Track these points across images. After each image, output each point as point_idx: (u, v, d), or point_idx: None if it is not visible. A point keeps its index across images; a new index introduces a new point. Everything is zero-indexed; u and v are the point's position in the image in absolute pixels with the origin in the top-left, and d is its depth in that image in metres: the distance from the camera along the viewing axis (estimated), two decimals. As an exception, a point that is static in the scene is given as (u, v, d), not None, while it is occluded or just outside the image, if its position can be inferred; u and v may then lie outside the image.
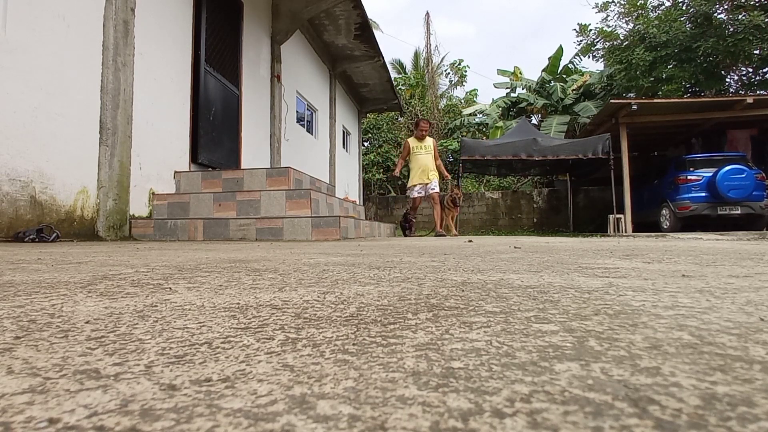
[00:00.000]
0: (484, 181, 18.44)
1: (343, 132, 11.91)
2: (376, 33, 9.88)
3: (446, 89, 21.76)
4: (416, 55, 21.90)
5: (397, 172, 7.61)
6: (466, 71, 21.97)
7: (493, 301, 0.61)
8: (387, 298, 0.65)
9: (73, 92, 3.46)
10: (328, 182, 8.12)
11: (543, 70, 17.62)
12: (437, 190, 7.09)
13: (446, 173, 7.48)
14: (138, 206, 4.13)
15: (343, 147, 11.94)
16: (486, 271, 1.02)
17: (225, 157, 5.64)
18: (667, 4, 14.19)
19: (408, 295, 0.68)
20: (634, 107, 8.42)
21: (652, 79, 13.25)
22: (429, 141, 7.35)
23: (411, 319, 0.50)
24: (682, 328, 0.44)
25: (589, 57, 16.35)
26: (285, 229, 3.93)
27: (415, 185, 7.21)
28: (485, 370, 0.32)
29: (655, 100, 9.27)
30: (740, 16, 12.22)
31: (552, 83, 16.62)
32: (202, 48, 5.13)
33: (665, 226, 8.76)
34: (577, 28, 15.97)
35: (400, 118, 19.16)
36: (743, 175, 7.86)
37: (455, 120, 18.67)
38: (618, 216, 9.06)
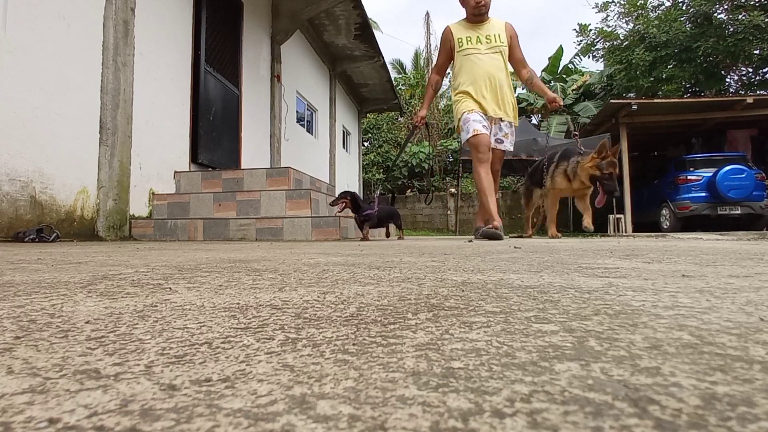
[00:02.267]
0: (484, 181, 18.42)
1: (343, 132, 11.92)
2: (376, 33, 9.89)
3: (446, 89, 21.76)
4: (416, 55, 21.90)
5: (419, 119, 4.04)
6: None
7: (493, 301, 0.61)
8: (387, 298, 0.65)
9: (73, 92, 3.46)
10: (328, 182, 8.13)
11: (543, 70, 17.64)
12: (508, 146, 3.90)
13: (551, 94, 3.87)
14: (138, 206, 4.13)
15: (343, 147, 11.94)
16: (486, 271, 1.02)
17: (225, 157, 5.64)
18: (667, 4, 14.20)
19: (408, 295, 0.68)
20: (634, 107, 8.43)
21: (652, 79, 13.25)
22: (495, 26, 3.78)
23: (411, 319, 0.50)
24: (682, 328, 0.44)
25: (589, 57, 16.37)
26: (285, 229, 3.93)
27: (469, 111, 3.72)
28: (485, 370, 0.32)
29: (655, 100, 9.28)
30: (740, 16, 12.22)
31: (552, 83, 16.64)
32: (202, 48, 5.13)
33: (665, 226, 8.77)
34: (577, 28, 15.99)
35: (400, 118, 19.14)
36: (743, 175, 7.87)
37: (454, 121, 18.64)
38: (618, 216, 9.06)
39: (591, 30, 15.78)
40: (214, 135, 5.38)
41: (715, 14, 12.67)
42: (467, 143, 3.78)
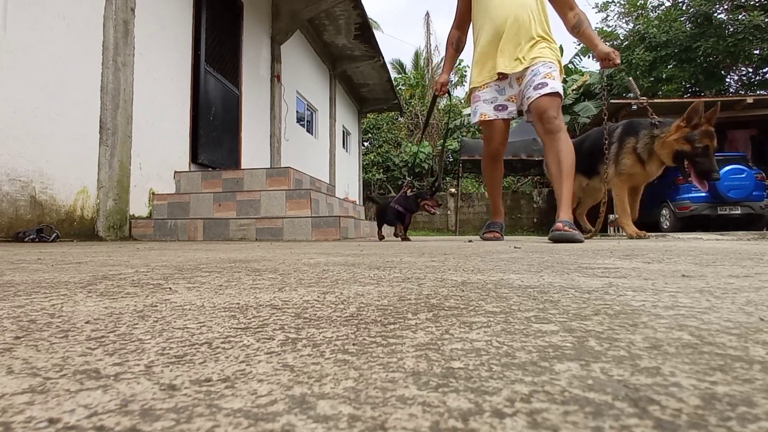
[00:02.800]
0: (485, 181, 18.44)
1: (343, 132, 11.92)
2: (376, 33, 9.89)
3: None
4: (416, 55, 21.92)
5: (439, 86, 3.43)
6: (466, 71, 21.99)
7: (493, 301, 0.61)
8: (387, 298, 0.65)
9: (73, 92, 3.46)
10: (328, 182, 8.13)
11: (543, 70, 17.58)
12: (553, 88, 2.76)
13: (605, 48, 2.87)
14: (138, 206, 4.13)
15: (343, 147, 11.95)
16: (486, 271, 1.02)
17: (225, 157, 5.64)
18: (667, 4, 14.21)
19: (408, 295, 0.68)
20: (634, 107, 8.43)
21: (652, 79, 13.26)
22: None
23: (411, 319, 0.50)
24: (682, 328, 0.44)
25: (589, 57, 16.37)
26: (285, 229, 3.93)
27: (479, 87, 3.06)
28: (485, 370, 0.32)
29: (655, 100, 9.27)
30: (740, 16, 12.23)
31: (552, 83, 16.62)
32: (202, 48, 5.13)
33: (665, 226, 8.77)
34: (577, 28, 15.94)
35: (400, 118, 19.14)
36: (743, 175, 7.87)
37: (455, 120, 18.66)
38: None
39: (591, 30, 15.76)
40: (214, 135, 5.38)
41: (715, 14, 12.68)
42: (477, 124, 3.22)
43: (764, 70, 13.66)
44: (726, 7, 12.88)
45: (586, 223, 4.22)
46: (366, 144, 18.05)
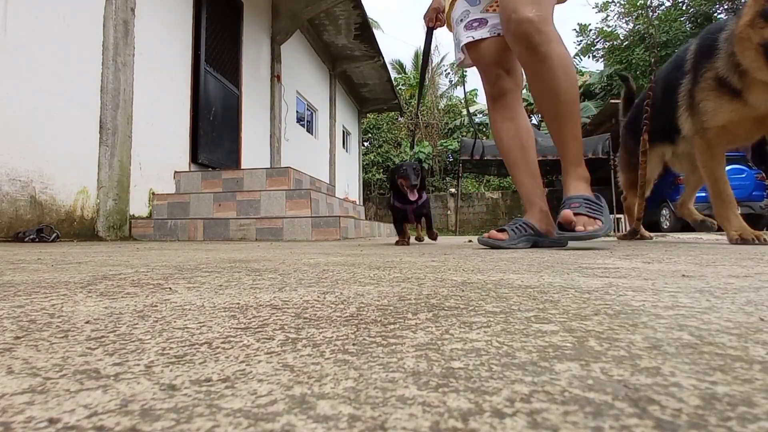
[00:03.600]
0: (484, 181, 18.46)
1: (343, 132, 11.92)
2: (377, 33, 9.90)
3: (446, 89, 21.76)
4: (416, 55, 21.90)
5: (431, 13, 2.29)
6: (466, 71, 21.99)
7: (493, 301, 0.61)
8: (387, 298, 0.65)
9: (73, 92, 3.46)
10: (328, 182, 8.13)
11: (543, 70, 17.59)
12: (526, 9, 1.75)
13: None
14: (138, 206, 4.14)
15: (343, 147, 11.95)
16: (486, 271, 1.02)
17: (225, 157, 5.65)
18: (667, 4, 14.21)
19: (408, 295, 0.68)
20: (634, 107, 8.42)
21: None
22: None
23: (411, 319, 0.50)
24: (682, 328, 0.44)
25: (589, 57, 16.38)
26: (285, 229, 3.93)
27: (450, 7, 2.16)
28: (485, 370, 0.32)
29: (655, 100, 9.27)
30: (740, 16, 12.22)
31: (552, 83, 16.62)
32: (202, 48, 5.13)
33: (665, 226, 8.77)
34: (577, 28, 16.01)
35: (400, 118, 19.15)
36: (743, 175, 7.87)
37: (455, 120, 18.68)
38: (618, 216, 9.06)
39: (591, 30, 15.81)
40: (214, 135, 5.38)
41: (715, 14, 12.69)
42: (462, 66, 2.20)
43: (764, 70, 13.67)
44: (726, 7, 12.89)
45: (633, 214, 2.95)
46: (366, 144, 18.05)
